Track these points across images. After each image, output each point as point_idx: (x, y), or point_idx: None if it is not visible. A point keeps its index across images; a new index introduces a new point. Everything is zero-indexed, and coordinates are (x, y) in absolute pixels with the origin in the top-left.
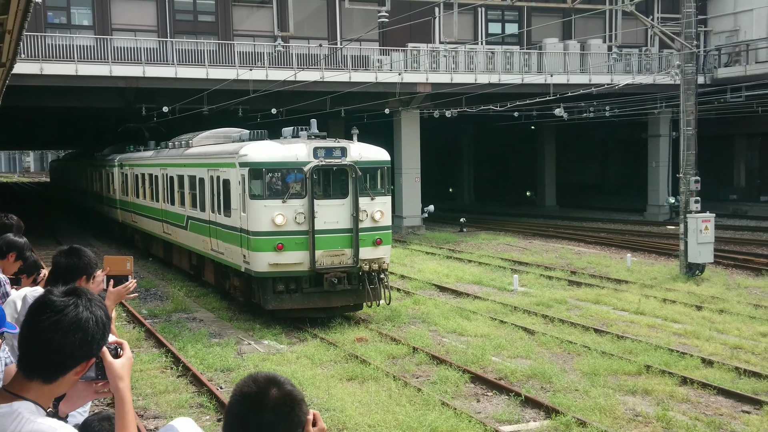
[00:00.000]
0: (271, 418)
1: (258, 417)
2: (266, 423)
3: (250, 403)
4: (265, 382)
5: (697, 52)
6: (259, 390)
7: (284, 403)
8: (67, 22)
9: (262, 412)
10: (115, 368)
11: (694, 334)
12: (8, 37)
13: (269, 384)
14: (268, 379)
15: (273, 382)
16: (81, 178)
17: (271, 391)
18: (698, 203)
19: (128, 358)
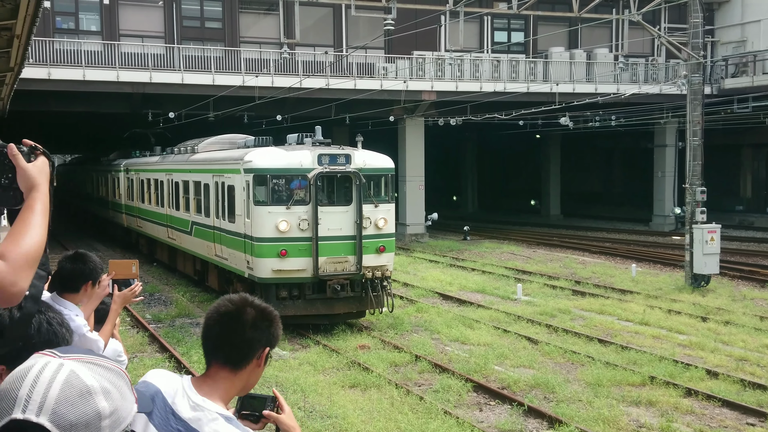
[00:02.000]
0: (252, 335)
1: (240, 335)
2: (247, 339)
3: (230, 322)
4: (240, 302)
5: (704, 63)
6: (237, 308)
7: (263, 318)
8: (75, 27)
9: (244, 330)
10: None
11: (699, 345)
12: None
13: (244, 303)
14: (242, 299)
15: (247, 302)
16: (87, 183)
17: (248, 310)
18: (704, 214)
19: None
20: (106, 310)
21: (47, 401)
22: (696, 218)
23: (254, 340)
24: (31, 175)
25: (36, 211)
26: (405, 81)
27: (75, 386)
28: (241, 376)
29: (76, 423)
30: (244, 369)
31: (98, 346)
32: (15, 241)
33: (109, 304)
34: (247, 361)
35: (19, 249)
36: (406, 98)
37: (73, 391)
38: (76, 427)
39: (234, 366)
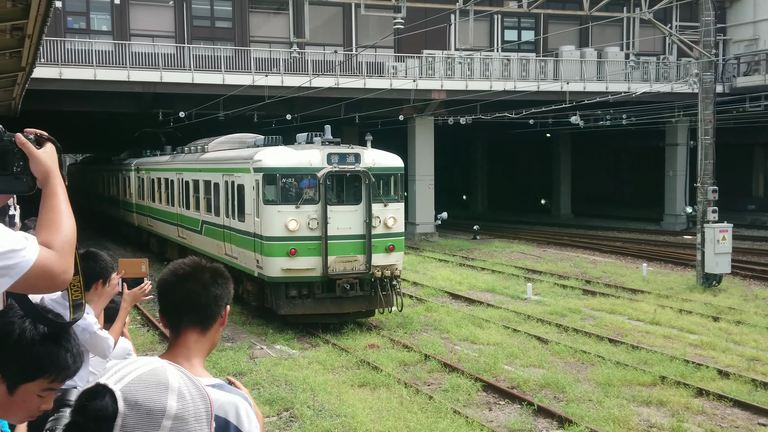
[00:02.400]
0: (216, 292)
1: (206, 294)
2: (213, 297)
3: (192, 283)
4: (194, 263)
5: (715, 61)
6: (194, 269)
7: (220, 276)
8: (86, 27)
9: (208, 289)
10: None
11: (711, 345)
12: (28, 42)
13: (199, 264)
14: (194, 261)
15: (201, 263)
16: (98, 182)
17: (205, 270)
18: (716, 213)
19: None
20: (116, 309)
21: (129, 376)
22: (707, 217)
23: (219, 297)
24: (43, 161)
25: (61, 197)
26: (414, 80)
27: (158, 376)
28: (209, 335)
29: (142, 405)
30: (212, 328)
31: (108, 344)
32: (54, 228)
33: (118, 303)
34: (215, 319)
35: (62, 236)
36: (415, 97)
37: (154, 378)
38: (140, 408)
39: (204, 326)
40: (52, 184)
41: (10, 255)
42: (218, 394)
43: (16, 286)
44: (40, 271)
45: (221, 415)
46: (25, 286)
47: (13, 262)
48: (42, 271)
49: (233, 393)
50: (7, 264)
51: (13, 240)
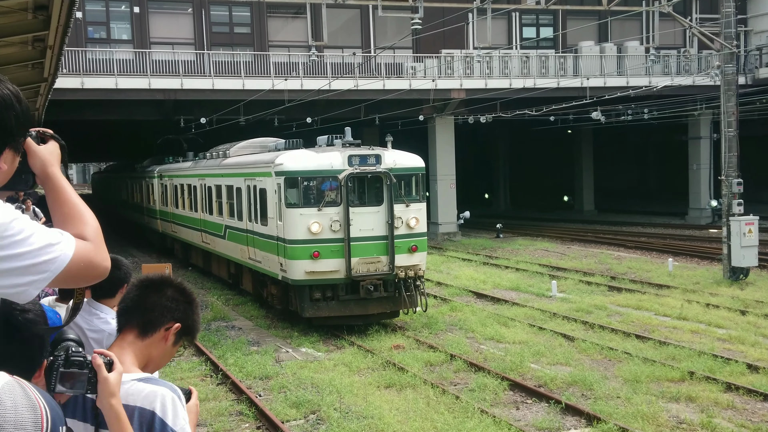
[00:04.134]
0: (164, 303)
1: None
2: (159, 305)
3: (148, 288)
4: (164, 277)
5: (737, 52)
6: (159, 280)
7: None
8: (107, 36)
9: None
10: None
11: (739, 339)
12: (50, 53)
13: (167, 280)
14: (167, 277)
15: (170, 280)
16: (122, 190)
17: (169, 284)
18: (741, 206)
19: (120, 372)
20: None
21: None
22: (733, 210)
23: (165, 307)
24: (42, 156)
25: (68, 189)
26: (434, 80)
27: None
28: (148, 344)
29: None
30: (151, 336)
31: None
32: (79, 220)
33: None
34: (155, 327)
35: (90, 227)
36: (435, 97)
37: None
38: None
39: (141, 330)
40: (55, 179)
41: (48, 250)
42: (143, 386)
43: (58, 281)
44: (80, 263)
45: (146, 407)
46: (67, 280)
47: (51, 257)
48: (82, 262)
49: (161, 385)
50: (46, 259)
51: (49, 235)
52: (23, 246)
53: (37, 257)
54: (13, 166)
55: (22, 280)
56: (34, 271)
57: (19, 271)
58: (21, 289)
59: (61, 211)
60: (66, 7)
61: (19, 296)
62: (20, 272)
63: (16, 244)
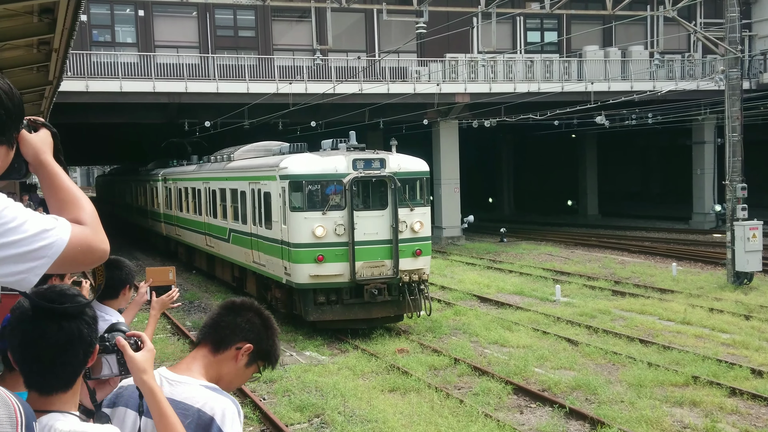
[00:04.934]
0: (239, 323)
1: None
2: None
3: (228, 309)
4: (248, 302)
5: (741, 57)
6: (241, 303)
7: (259, 317)
8: (112, 39)
9: (234, 317)
10: (137, 362)
11: (743, 344)
12: (55, 56)
13: (251, 305)
14: (252, 302)
15: (254, 305)
16: (126, 193)
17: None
18: (745, 210)
19: (150, 351)
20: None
21: None
22: (737, 215)
23: (239, 327)
24: (34, 144)
25: (62, 175)
26: (438, 84)
27: None
28: (219, 360)
29: None
30: (222, 353)
31: None
32: (74, 205)
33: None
34: (226, 345)
35: (86, 210)
36: (439, 101)
37: None
38: None
39: (214, 346)
40: (48, 166)
41: (43, 236)
42: (208, 392)
43: (57, 266)
44: (78, 247)
45: (207, 411)
46: (66, 265)
47: (47, 242)
48: (80, 246)
49: (225, 396)
50: (42, 245)
51: (43, 221)
52: (17, 233)
53: (33, 243)
54: (7, 160)
55: (20, 267)
56: (32, 257)
57: (16, 259)
58: (20, 276)
59: (56, 198)
60: (72, 11)
61: (20, 284)
62: (17, 259)
63: (9, 231)
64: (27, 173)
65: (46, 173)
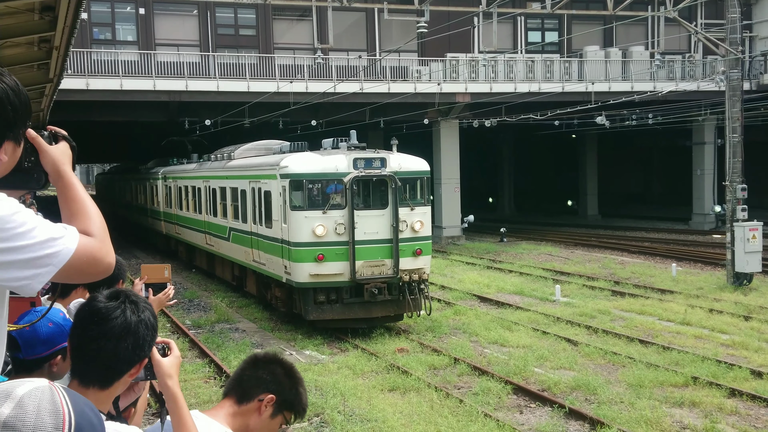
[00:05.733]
0: (260, 374)
1: (251, 371)
2: (254, 377)
3: (252, 362)
4: (273, 355)
5: (742, 58)
6: (264, 357)
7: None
8: (112, 38)
9: (256, 369)
10: (164, 367)
11: (743, 345)
12: (56, 53)
13: (276, 357)
14: (278, 355)
15: (279, 358)
16: (126, 191)
17: (276, 361)
18: (745, 211)
19: (176, 357)
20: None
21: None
22: (737, 216)
23: (261, 379)
24: (54, 156)
25: (78, 187)
26: (439, 83)
27: (8, 387)
28: (243, 411)
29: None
30: (246, 405)
31: None
32: (85, 216)
33: None
34: (249, 397)
35: (96, 223)
36: (440, 101)
37: (3, 387)
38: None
39: (238, 398)
40: (66, 178)
41: (50, 244)
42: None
43: (62, 275)
44: (84, 258)
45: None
46: (71, 275)
47: (54, 251)
48: (86, 257)
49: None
50: (48, 253)
51: (52, 229)
52: (25, 239)
53: (40, 250)
54: (14, 158)
55: (24, 273)
56: (37, 264)
57: (21, 264)
58: (24, 282)
59: (69, 208)
60: (73, 8)
61: (23, 289)
62: (22, 265)
63: (17, 236)
64: (46, 183)
65: (63, 184)
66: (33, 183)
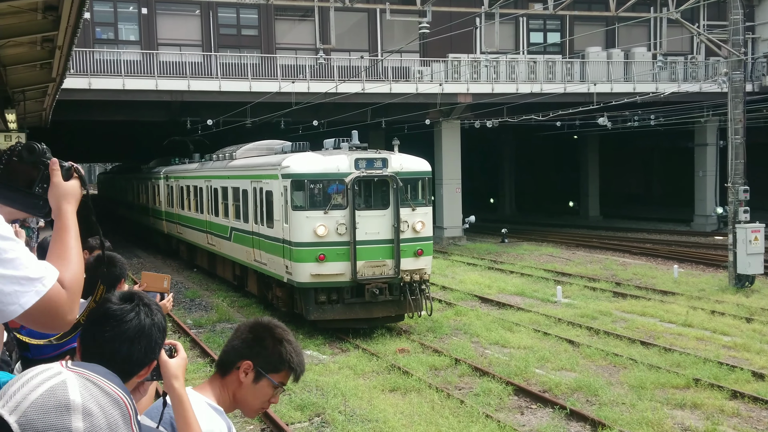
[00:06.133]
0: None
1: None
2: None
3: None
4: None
5: (744, 60)
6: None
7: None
8: (115, 37)
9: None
10: (170, 368)
11: (744, 346)
12: (59, 53)
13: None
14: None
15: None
16: (127, 191)
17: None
18: (747, 213)
19: (183, 358)
20: None
21: (24, 402)
22: (739, 218)
23: (234, 348)
24: (63, 191)
25: (72, 231)
26: (440, 84)
27: (57, 396)
28: (227, 383)
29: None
30: (229, 376)
31: None
32: (66, 265)
33: None
34: (229, 368)
35: (73, 275)
36: (441, 101)
37: (51, 400)
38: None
39: (220, 370)
40: (65, 218)
41: (22, 282)
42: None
43: (21, 318)
44: (47, 307)
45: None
46: (27, 320)
47: (23, 290)
48: (49, 307)
49: (224, 420)
50: (17, 290)
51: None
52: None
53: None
54: None
55: None
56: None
57: None
58: None
59: (55, 248)
60: (76, 8)
61: None
62: None
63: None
64: (49, 213)
65: (59, 224)
66: (37, 209)
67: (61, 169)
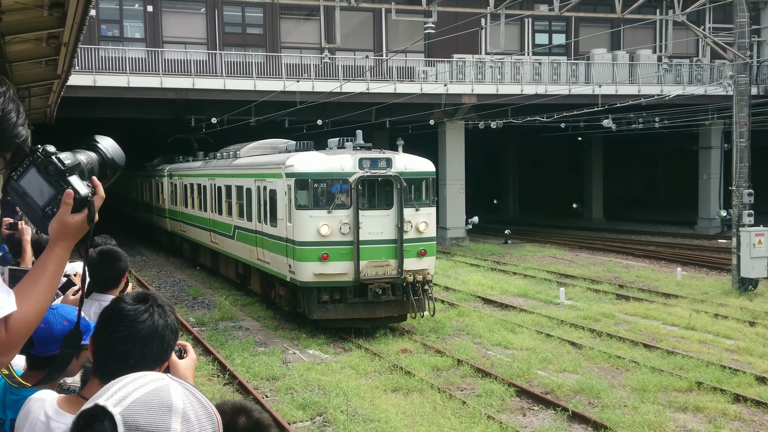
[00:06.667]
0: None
1: None
2: None
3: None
4: (232, 411)
5: (750, 63)
6: (227, 420)
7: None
8: (120, 35)
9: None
10: (180, 369)
11: (747, 350)
12: (64, 50)
13: (237, 412)
14: (235, 408)
15: (241, 410)
16: (131, 188)
17: (240, 420)
18: (751, 216)
19: (192, 360)
20: None
21: (129, 397)
22: (743, 221)
23: None
24: (64, 227)
25: (48, 273)
26: (445, 84)
27: (161, 397)
28: None
29: (143, 430)
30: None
31: None
32: (27, 303)
33: None
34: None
35: (25, 320)
36: (446, 102)
37: (155, 399)
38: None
39: None
40: (52, 254)
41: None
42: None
43: None
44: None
45: None
46: None
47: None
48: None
49: None
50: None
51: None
52: None
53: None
54: None
55: None
56: None
57: None
58: None
59: (27, 281)
60: (82, 5)
61: None
62: None
63: None
64: (42, 228)
65: (45, 258)
66: (38, 222)
67: (74, 202)
